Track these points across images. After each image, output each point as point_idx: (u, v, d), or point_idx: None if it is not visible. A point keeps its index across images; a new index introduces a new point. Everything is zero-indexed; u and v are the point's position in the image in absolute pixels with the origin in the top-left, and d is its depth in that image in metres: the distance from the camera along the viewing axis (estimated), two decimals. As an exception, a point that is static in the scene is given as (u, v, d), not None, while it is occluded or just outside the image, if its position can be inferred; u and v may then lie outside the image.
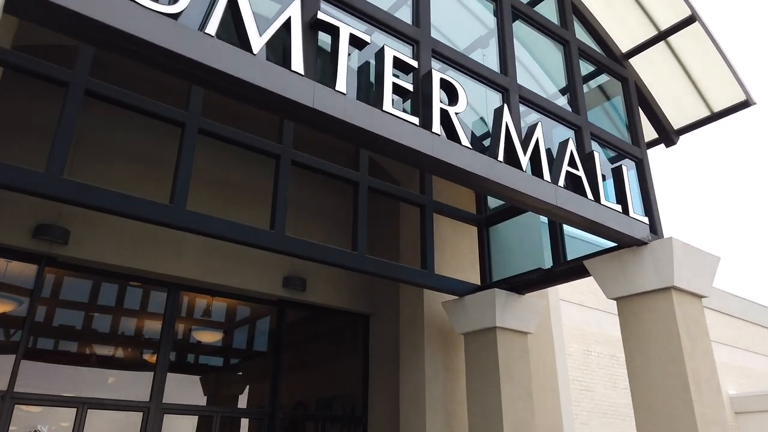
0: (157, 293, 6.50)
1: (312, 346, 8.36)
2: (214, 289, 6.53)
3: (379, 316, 7.51)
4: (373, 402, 7.14)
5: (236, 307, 8.61)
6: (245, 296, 6.79)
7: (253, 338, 9.61)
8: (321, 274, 7.23)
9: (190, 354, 8.29)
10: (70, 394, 5.31)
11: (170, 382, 6.11)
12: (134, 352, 6.68)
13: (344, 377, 8.09)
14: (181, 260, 6.10)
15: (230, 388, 9.93)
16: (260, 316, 9.36)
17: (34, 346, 5.69)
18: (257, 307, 9.26)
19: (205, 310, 9.61)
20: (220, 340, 9.47)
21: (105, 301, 6.62)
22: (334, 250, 4.69)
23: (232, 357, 9.95)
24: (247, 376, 9.06)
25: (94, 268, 5.75)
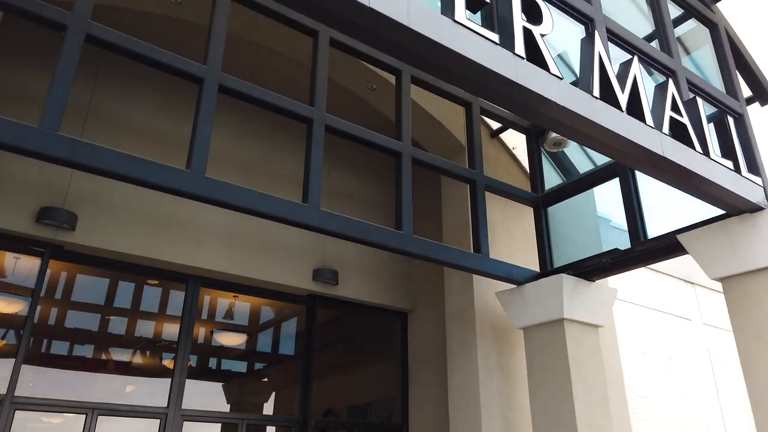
0: (174, 289, 5.92)
1: (344, 348, 7.69)
2: (238, 283, 5.91)
3: (419, 313, 6.81)
4: (415, 409, 6.43)
5: (261, 307, 8.01)
6: (272, 291, 6.16)
7: (281, 340, 9.00)
8: (354, 267, 6.58)
9: (211, 357, 7.70)
10: (78, 399, 4.73)
11: (190, 387, 5.50)
12: (150, 354, 6.10)
13: (380, 381, 7.40)
14: (201, 251, 5.50)
15: (255, 395, 9.31)
16: (288, 316, 8.75)
17: (38, 348, 5.15)
18: (283, 307, 8.65)
19: (228, 311, 9.04)
20: (244, 343, 8.88)
21: (117, 298, 6.07)
22: (376, 228, 4.03)
23: (257, 361, 9.35)
24: (274, 381, 8.43)
25: (104, 258, 5.18)
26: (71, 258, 5.06)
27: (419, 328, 6.72)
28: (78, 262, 5.14)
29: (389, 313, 6.99)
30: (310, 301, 6.38)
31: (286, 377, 8.84)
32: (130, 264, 5.32)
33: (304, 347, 6.21)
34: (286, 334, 9.10)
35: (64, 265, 5.21)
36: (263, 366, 8.59)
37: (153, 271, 5.45)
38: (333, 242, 6.49)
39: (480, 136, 5.22)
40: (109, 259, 5.21)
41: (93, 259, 5.15)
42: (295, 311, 8.42)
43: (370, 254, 6.78)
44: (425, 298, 6.77)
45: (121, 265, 5.29)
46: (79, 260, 5.12)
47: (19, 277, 4.98)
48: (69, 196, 4.93)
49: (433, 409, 6.13)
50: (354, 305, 6.68)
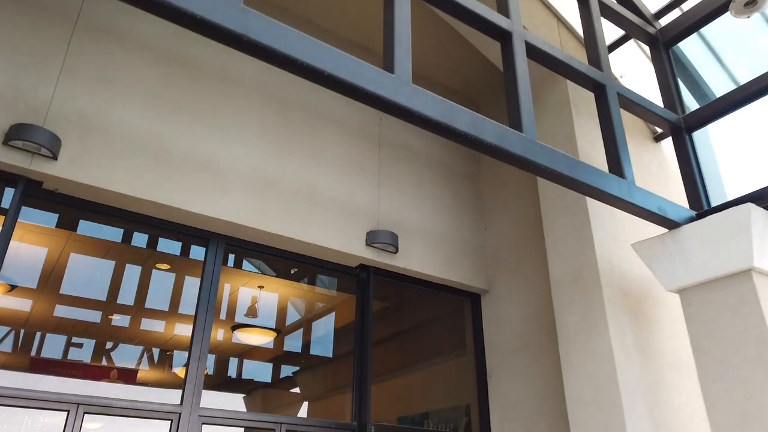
0: (189, 249, 4.67)
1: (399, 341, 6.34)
2: (271, 246, 4.63)
3: (498, 293, 5.46)
4: (498, 413, 5.04)
5: (294, 299, 6.75)
6: (313, 259, 4.87)
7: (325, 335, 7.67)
8: (415, 234, 5.27)
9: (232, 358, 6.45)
10: (57, 392, 3.44)
11: (210, 381, 4.23)
12: (158, 335, 4.89)
13: (446, 382, 6.02)
14: (225, 199, 4.25)
15: (286, 397, 7.95)
16: (333, 307, 7.44)
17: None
18: (326, 298, 7.36)
19: (250, 307, 7.76)
20: (272, 342, 7.60)
21: (113, 257, 4.86)
22: (494, 125, 2.74)
23: (291, 358, 8.01)
24: (313, 381, 7.11)
25: (97, 204, 3.95)
26: (53, 200, 3.84)
27: (499, 312, 5.36)
28: (62, 205, 3.91)
29: (457, 294, 5.65)
30: (362, 274, 5.06)
31: (325, 379, 7.48)
32: (133, 213, 4.07)
33: (357, 338, 4.87)
34: (322, 332, 7.79)
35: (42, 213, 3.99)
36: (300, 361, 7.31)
37: (162, 225, 4.19)
38: (389, 200, 5.21)
39: (603, 36, 3.94)
40: (105, 205, 3.97)
41: (83, 204, 3.91)
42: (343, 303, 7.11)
43: (433, 218, 5.48)
44: (506, 273, 5.42)
45: (120, 214, 4.04)
46: (63, 204, 3.89)
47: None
48: (52, 114, 3.72)
49: (525, 412, 4.73)
50: (416, 282, 5.35)
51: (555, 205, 4.38)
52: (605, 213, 4.19)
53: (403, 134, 5.69)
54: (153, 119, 4.11)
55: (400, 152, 5.56)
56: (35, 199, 3.76)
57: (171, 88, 4.30)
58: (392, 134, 5.59)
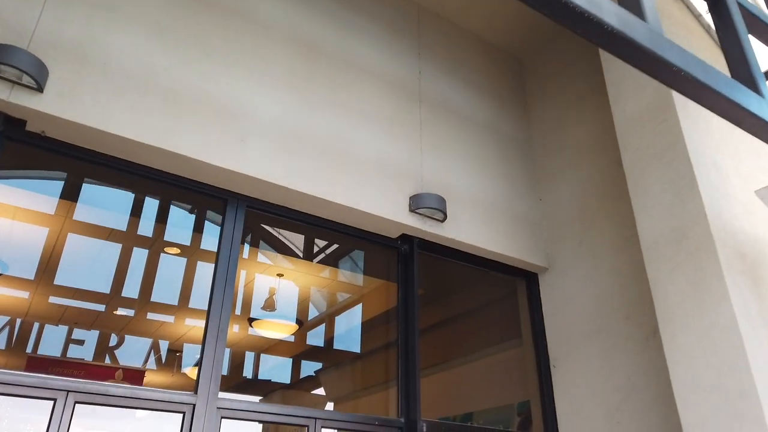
0: (204, 222, 4.04)
1: (443, 330, 5.65)
2: (299, 210, 3.98)
3: (561, 271, 4.76)
4: (566, 406, 4.32)
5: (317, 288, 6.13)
6: (347, 227, 4.20)
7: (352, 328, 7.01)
8: (463, 201, 4.60)
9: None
10: (42, 377, 2.80)
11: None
12: (166, 310, 4.27)
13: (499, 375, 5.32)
14: (247, 151, 3.60)
15: (308, 399, 7.27)
16: (360, 298, 6.77)
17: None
18: (353, 288, 6.72)
19: (268, 299, 7.12)
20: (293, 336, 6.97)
21: (113, 217, 4.25)
22: (610, 3, 2.06)
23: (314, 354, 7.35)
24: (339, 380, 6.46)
25: (93, 153, 3.31)
26: (40, 147, 3.21)
27: (563, 292, 4.66)
28: (52, 153, 3.28)
29: (510, 273, 4.96)
30: (403, 246, 4.39)
31: (354, 377, 6.81)
32: (138, 166, 3.43)
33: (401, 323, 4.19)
34: (349, 325, 7.12)
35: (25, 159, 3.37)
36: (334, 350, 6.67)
37: (174, 181, 3.55)
38: (433, 161, 4.54)
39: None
40: (104, 154, 3.34)
41: (76, 153, 3.28)
42: (368, 289, 6.45)
43: (482, 185, 4.81)
44: (570, 248, 4.73)
45: (123, 166, 3.40)
46: (53, 152, 3.26)
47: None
48: (37, 40, 3.10)
49: (603, 408, 4.02)
50: (465, 259, 4.66)
51: (643, 154, 3.69)
52: (707, 160, 3.49)
53: (445, 91, 5.03)
54: (160, 54, 3.49)
55: (442, 110, 4.90)
56: (18, 143, 3.14)
57: (181, 22, 3.68)
58: (433, 90, 4.93)
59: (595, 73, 5.00)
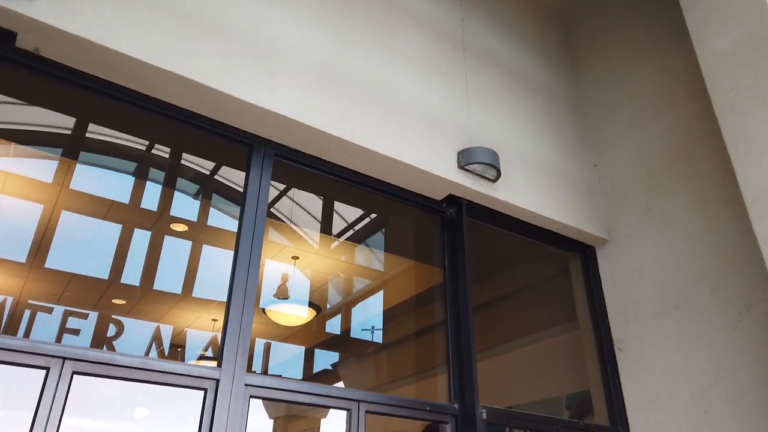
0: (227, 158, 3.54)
1: (482, 313, 5.13)
2: (333, 162, 3.48)
3: (624, 245, 4.26)
4: (635, 396, 3.81)
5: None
6: (386, 183, 3.70)
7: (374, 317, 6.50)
8: (516, 161, 4.10)
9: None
10: (32, 341, 2.28)
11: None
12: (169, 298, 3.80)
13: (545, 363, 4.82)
14: (275, 87, 3.10)
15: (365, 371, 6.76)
16: (382, 285, 6.27)
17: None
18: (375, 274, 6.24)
19: (281, 286, 6.62)
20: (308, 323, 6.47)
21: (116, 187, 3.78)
22: None
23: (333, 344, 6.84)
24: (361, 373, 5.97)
25: (97, 80, 2.81)
26: (33, 68, 2.70)
27: (628, 266, 4.15)
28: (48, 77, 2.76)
29: (564, 247, 4.46)
30: (449, 210, 3.88)
31: (379, 370, 6.31)
32: (148, 100, 2.93)
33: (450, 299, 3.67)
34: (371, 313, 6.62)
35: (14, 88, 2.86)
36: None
37: (189, 119, 3.04)
38: (481, 115, 4.05)
39: None
40: (105, 80, 2.83)
41: (77, 78, 2.77)
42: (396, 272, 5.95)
43: (534, 145, 4.32)
44: (635, 217, 4.23)
45: (132, 98, 2.89)
46: (48, 75, 2.75)
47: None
48: (29, -63, 2.60)
49: (685, 395, 3.51)
50: (517, 227, 4.16)
51: (740, 95, 3.19)
52: (824, 97, 2.99)
53: (490, 41, 4.54)
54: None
55: (488, 62, 4.41)
56: (7, 62, 2.63)
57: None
58: (478, 39, 4.44)
59: (656, 20, 4.52)
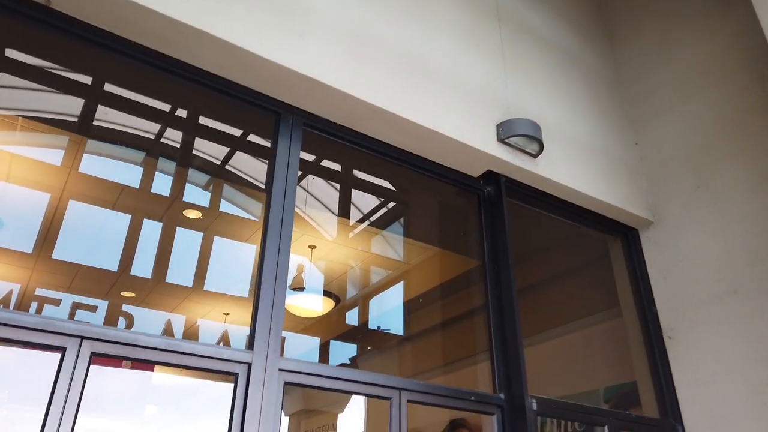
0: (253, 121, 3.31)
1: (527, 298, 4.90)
2: (366, 134, 3.25)
3: (672, 226, 4.02)
4: (691, 391, 3.57)
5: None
6: (420, 157, 3.47)
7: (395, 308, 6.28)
8: (556, 136, 3.86)
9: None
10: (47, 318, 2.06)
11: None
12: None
13: (583, 354, 4.58)
14: (306, 48, 2.87)
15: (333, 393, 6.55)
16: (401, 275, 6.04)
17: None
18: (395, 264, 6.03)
19: (296, 277, 6.40)
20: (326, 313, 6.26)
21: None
22: None
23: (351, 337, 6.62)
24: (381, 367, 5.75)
25: (106, 34, 2.59)
26: (42, 20, 2.48)
27: (678, 249, 3.91)
28: (61, 33, 2.54)
29: (606, 229, 4.21)
30: (487, 188, 3.65)
31: (403, 364, 6.09)
32: (167, 60, 2.70)
33: (491, 282, 3.43)
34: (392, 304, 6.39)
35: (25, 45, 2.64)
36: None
37: (212, 82, 2.81)
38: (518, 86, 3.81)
39: None
40: (121, 37, 2.61)
41: (89, 32, 2.55)
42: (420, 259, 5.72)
43: (573, 121, 4.07)
44: (683, 197, 3.98)
45: (147, 56, 2.67)
46: (62, 32, 2.53)
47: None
48: None
49: (749, 386, 3.26)
50: (557, 207, 3.92)
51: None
52: None
53: (525, 11, 4.30)
54: None
55: (523, 33, 4.17)
56: (17, 15, 2.41)
57: None
58: (512, 9, 4.20)
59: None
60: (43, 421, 1.91)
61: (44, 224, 6.08)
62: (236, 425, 2.19)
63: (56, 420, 1.90)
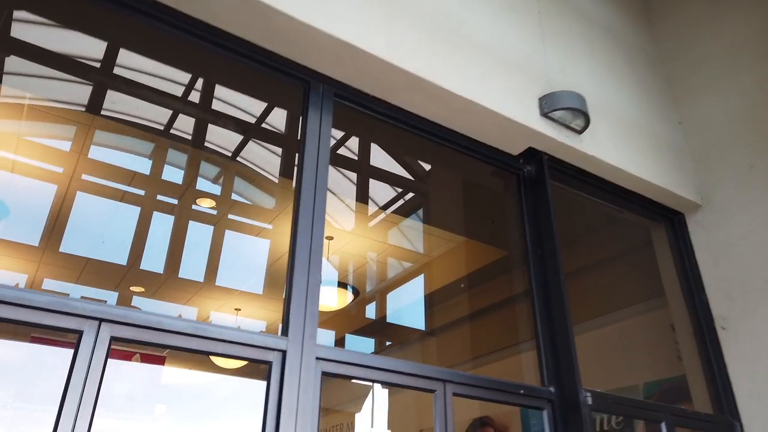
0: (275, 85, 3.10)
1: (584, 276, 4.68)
2: (398, 106, 3.02)
3: (723, 210, 3.78)
4: (751, 385, 3.33)
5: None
6: (456, 133, 3.24)
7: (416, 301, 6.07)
8: (599, 113, 3.62)
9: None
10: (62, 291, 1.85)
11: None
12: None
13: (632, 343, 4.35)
14: (337, 9, 2.65)
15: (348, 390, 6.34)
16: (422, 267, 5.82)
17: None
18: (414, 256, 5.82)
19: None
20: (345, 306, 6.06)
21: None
22: None
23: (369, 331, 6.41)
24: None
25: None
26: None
27: (732, 233, 3.67)
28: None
29: (650, 213, 3.97)
30: (527, 166, 3.41)
31: (424, 359, 5.87)
32: (185, 19, 2.48)
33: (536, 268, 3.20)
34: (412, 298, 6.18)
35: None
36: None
37: (234, 45, 2.59)
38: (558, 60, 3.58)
39: None
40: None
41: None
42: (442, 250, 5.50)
43: (615, 98, 3.84)
44: (734, 178, 3.74)
45: (163, 13, 2.45)
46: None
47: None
48: None
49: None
50: (600, 189, 3.68)
51: None
52: None
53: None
54: None
55: (560, 4, 3.93)
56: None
57: None
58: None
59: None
60: (57, 415, 1.70)
61: (51, 216, 5.90)
62: (271, 421, 1.97)
63: (72, 413, 1.69)
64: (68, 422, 1.66)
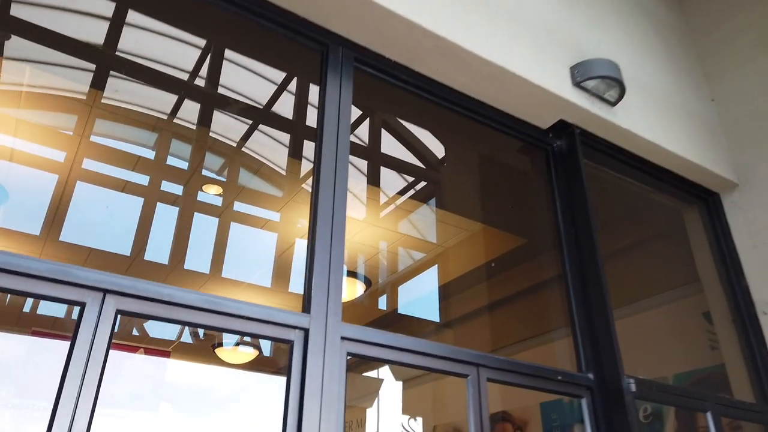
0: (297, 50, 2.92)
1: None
2: (421, 73, 2.83)
3: (758, 188, 3.58)
4: (798, 374, 3.13)
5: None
6: (481, 102, 3.05)
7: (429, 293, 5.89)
8: (631, 84, 3.42)
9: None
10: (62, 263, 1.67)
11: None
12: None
13: (663, 331, 4.15)
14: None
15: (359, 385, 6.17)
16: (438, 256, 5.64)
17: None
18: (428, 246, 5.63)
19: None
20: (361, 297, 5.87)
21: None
22: None
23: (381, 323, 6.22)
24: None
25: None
26: None
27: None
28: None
29: (683, 193, 3.77)
30: (557, 141, 3.22)
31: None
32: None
33: (571, 252, 3.00)
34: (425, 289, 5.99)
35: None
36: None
37: (250, 3, 2.41)
38: (589, 30, 3.38)
39: None
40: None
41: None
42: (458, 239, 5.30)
43: (647, 72, 3.64)
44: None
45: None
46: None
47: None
48: None
49: None
50: (632, 166, 3.48)
51: None
52: None
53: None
54: None
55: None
56: None
57: None
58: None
59: None
60: (56, 398, 1.51)
61: (52, 204, 5.72)
62: (293, 406, 1.79)
63: (73, 395, 1.50)
64: (67, 411, 1.47)
